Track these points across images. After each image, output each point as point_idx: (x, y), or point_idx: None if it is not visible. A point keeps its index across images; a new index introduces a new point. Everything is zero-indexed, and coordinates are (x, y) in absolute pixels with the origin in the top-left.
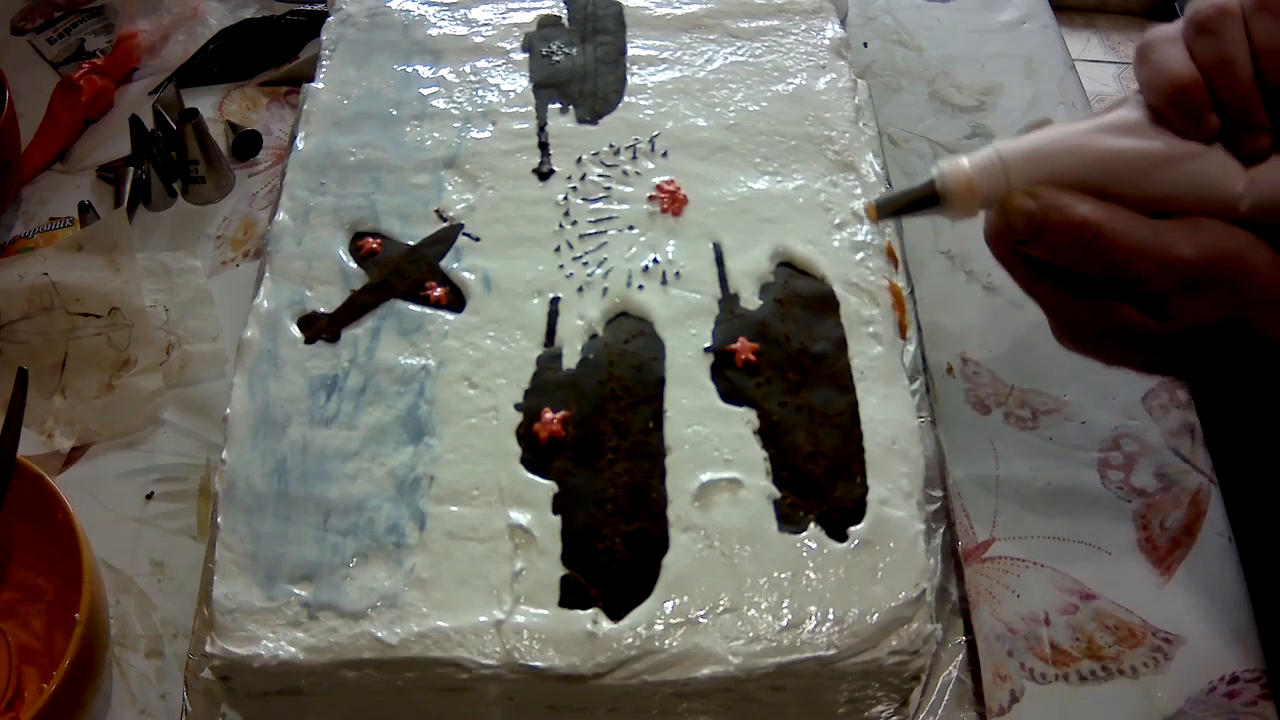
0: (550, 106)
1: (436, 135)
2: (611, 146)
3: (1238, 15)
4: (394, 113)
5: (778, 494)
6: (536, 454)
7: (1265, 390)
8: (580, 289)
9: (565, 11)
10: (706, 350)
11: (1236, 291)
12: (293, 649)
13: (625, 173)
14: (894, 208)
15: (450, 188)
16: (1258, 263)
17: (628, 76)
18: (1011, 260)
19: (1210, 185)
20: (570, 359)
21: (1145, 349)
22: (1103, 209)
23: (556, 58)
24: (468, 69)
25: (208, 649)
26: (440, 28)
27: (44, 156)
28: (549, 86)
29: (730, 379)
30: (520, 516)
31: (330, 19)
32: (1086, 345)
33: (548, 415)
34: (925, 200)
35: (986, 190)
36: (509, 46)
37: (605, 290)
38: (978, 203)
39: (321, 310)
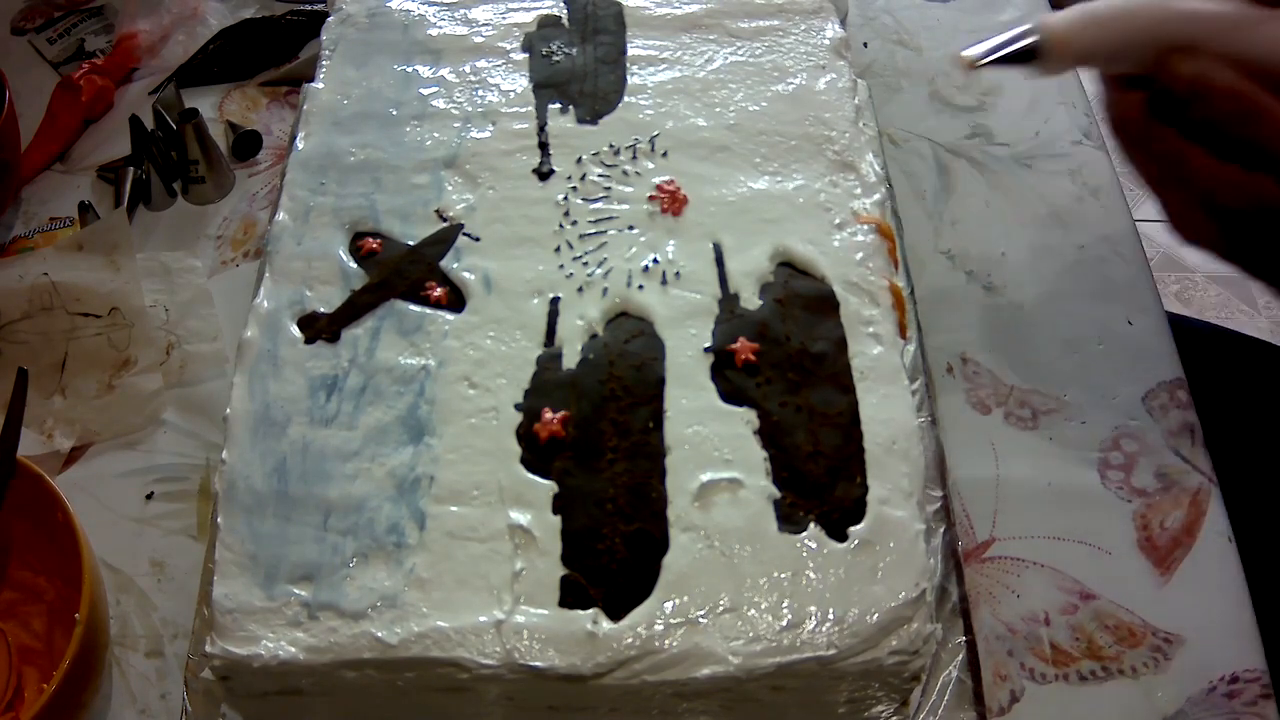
0: (550, 106)
1: (436, 135)
2: (611, 146)
3: None
4: (394, 113)
5: (778, 494)
6: (536, 454)
7: None
8: (580, 289)
9: (565, 11)
10: (706, 350)
11: None
12: (293, 649)
13: (625, 173)
14: (989, 58)
15: (450, 188)
16: None
17: (628, 76)
18: (1145, 125)
19: None
20: (570, 359)
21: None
22: (1252, 82)
23: (556, 58)
24: (468, 69)
25: (208, 649)
26: (440, 28)
27: (44, 156)
28: (549, 86)
29: (730, 379)
30: (520, 516)
31: (330, 19)
32: (1219, 225)
33: (548, 415)
34: (1020, 53)
35: (1082, 44)
36: (509, 46)
37: (605, 290)
38: (1073, 56)
39: (321, 310)
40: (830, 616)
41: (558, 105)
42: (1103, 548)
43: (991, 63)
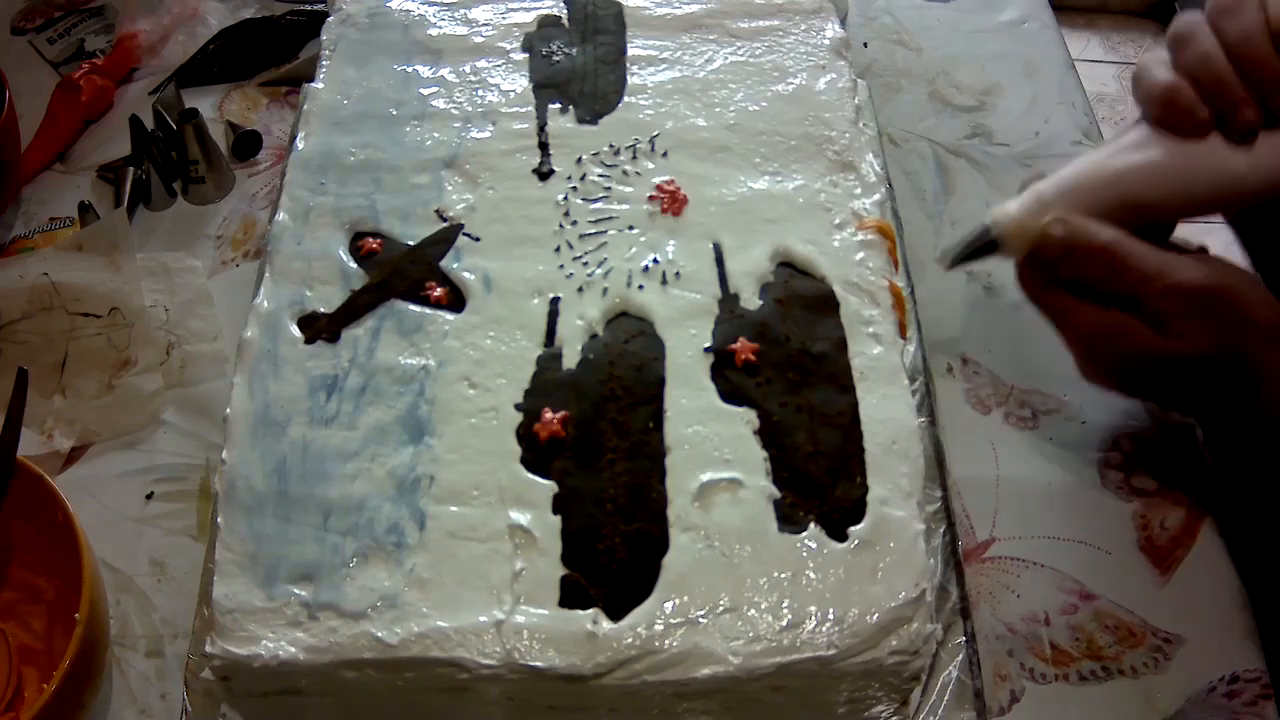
0: (550, 106)
1: (436, 135)
2: (611, 146)
3: (1205, 24)
4: (394, 113)
5: (778, 494)
6: (536, 454)
7: (1256, 421)
8: (580, 289)
9: (565, 11)
10: (706, 350)
11: (1232, 319)
12: (293, 649)
13: (625, 173)
14: (959, 258)
15: (450, 188)
16: (1253, 298)
17: (628, 76)
18: (1040, 288)
19: (1219, 172)
20: (570, 359)
21: (1155, 374)
22: (1120, 234)
23: (556, 58)
24: (468, 69)
25: (208, 649)
26: (440, 28)
27: (44, 156)
28: (549, 86)
29: (730, 379)
30: (520, 516)
31: (330, 19)
32: (1106, 369)
33: (548, 415)
34: (985, 247)
35: (1035, 227)
36: (509, 46)
37: (605, 290)
38: (1027, 242)
39: (321, 310)
40: (830, 616)
41: (558, 105)
42: (1103, 548)
43: (962, 261)
